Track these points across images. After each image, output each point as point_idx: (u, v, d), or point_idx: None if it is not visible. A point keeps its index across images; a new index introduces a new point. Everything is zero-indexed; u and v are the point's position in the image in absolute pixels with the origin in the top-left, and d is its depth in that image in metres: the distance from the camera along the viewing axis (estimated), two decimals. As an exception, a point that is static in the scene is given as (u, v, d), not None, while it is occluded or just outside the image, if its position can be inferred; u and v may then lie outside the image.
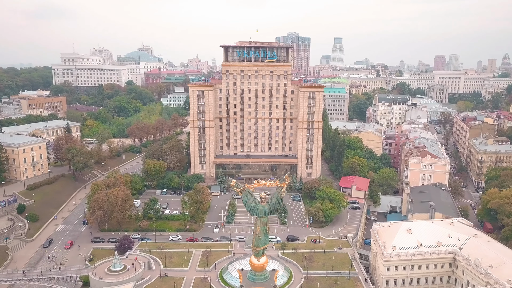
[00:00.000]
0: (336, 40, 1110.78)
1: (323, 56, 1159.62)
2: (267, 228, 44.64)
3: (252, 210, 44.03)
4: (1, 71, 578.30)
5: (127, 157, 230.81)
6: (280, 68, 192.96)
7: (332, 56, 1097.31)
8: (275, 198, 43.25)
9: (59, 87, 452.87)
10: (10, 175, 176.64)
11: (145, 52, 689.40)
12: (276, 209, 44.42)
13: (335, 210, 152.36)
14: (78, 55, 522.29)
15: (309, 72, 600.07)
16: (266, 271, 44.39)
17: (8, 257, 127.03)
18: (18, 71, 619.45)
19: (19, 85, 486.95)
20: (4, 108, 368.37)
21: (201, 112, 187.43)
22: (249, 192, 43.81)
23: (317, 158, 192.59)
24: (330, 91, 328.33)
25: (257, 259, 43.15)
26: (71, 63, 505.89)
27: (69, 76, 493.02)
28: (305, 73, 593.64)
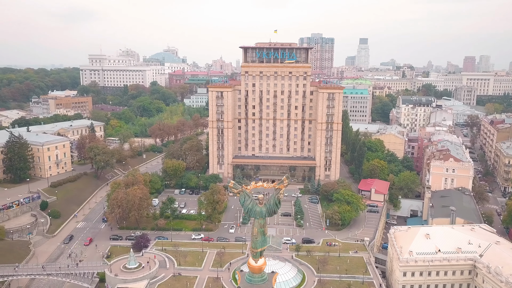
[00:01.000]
0: (362, 41, 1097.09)
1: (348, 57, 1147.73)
2: (265, 230, 44.22)
3: (249, 212, 43.80)
4: (32, 72, 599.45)
5: (148, 157, 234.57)
6: (300, 69, 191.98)
7: (357, 57, 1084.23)
8: (273, 200, 42.85)
9: (86, 88, 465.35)
10: (35, 173, 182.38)
11: (170, 53, 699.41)
12: (273, 211, 43.98)
13: (352, 213, 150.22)
14: (105, 56, 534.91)
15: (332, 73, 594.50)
16: (264, 273, 44.07)
17: (30, 251, 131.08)
18: (49, 72, 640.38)
19: (49, 86, 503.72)
20: (34, 108, 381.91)
21: (220, 113, 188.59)
22: (246, 193, 43.60)
23: (336, 160, 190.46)
24: (352, 92, 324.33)
25: (255, 261, 42.79)
26: (98, 64, 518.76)
27: (96, 77, 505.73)
28: (329, 74, 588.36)
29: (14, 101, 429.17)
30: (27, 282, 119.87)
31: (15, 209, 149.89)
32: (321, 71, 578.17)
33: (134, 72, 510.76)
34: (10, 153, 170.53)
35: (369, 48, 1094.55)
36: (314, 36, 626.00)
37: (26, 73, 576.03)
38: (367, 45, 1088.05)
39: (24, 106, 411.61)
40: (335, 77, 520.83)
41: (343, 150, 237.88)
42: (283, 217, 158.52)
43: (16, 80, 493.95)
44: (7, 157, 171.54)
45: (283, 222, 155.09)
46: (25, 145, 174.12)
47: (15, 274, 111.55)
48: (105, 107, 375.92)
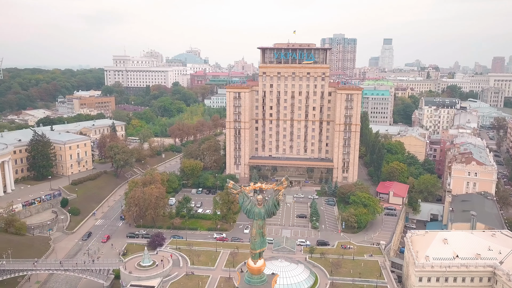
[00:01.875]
0: (386, 41, 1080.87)
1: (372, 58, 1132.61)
2: (264, 231, 43.88)
3: (248, 213, 43.58)
4: (59, 72, 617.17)
5: (167, 156, 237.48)
6: (318, 70, 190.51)
7: (381, 58, 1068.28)
8: (271, 201, 42.51)
9: (110, 88, 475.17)
10: (57, 171, 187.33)
11: (192, 54, 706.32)
12: (272, 213, 43.59)
13: (369, 216, 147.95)
14: (128, 57, 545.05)
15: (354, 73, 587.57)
16: (263, 275, 43.80)
17: (50, 247, 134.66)
18: (75, 72, 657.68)
19: (75, 86, 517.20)
20: (60, 107, 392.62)
21: (237, 114, 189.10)
22: (245, 194, 43.44)
23: (353, 162, 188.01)
24: (373, 93, 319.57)
25: (254, 262, 42.62)
26: (122, 65, 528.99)
27: (120, 77, 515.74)
28: (351, 74, 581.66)
29: (42, 100, 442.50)
30: (46, 276, 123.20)
31: (37, 205, 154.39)
32: (343, 72, 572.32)
33: (157, 73, 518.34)
34: (34, 151, 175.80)
35: (393, 48, 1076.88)
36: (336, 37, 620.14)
37: (53, 73, 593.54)
38: (391, 46, 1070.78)
39: (51, 105, 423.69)
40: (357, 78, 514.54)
41: (362, 152, 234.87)
42: (298, 219, 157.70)
43: (43, 80, 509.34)
44: (31, 155, 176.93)
45: (299, 223, 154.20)
46: (48, 143, 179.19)
47: (34, 269, 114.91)
48: (127, 107, 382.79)
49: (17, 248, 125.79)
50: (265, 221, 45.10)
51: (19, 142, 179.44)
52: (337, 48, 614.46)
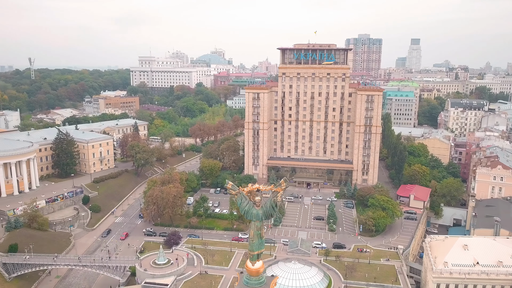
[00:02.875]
0: (413, 41, 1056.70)
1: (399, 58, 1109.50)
2: (262, 233, 43.60)
3: (246, 214, 43.39)
4: (87, 73, 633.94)
5: (188, 156, 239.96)
6: (338, 71, 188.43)
7: (408, 58, 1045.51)
8: (269, 202, 42.19)
9: (135, 88, 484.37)
10: (80, 169, 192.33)
11: (217, 55, 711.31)
12: (270, 214, 43.26)
13: (387, 219, 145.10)
14: (153, 58, 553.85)
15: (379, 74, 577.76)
16: (262, 276, 43.54)
17: (70, 243, 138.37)
18: (102, 73, 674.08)
19: (101, 86, 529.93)
20: (86, 107, 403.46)
21: (256, 114, 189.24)
22: (243, 195, 43.31)
23: (374, 164, 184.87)
24: (397, 94, 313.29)
25: (252, 264, 42.45)
26: (147, 65, 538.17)
27: (145, 78, 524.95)
28: (375, 75, 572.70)
29: (70, 100, 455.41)
30: (66, 271, 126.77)
31: (59, 202, 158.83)
32: (367, 73, 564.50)
33: (181, 74, 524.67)
34: (58, 149, 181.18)
35: (421, 49, 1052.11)
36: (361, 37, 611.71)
37: (82, 74, 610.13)
38: (419, 46, 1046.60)
39: (78, 105, 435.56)
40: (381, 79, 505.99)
41: (384, 154, 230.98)
42: (315, 221, 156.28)
43: (72, 80, 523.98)
44: (55, 153, 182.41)
45: (315, 225, 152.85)
46: (71, 142, 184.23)
47: (54, 263, 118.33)
48: (151, 107, 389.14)
49: (39, 243, 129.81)
50: (263, 222, 44.82)
51: (44, 141, 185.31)
52: (361, 49, 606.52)
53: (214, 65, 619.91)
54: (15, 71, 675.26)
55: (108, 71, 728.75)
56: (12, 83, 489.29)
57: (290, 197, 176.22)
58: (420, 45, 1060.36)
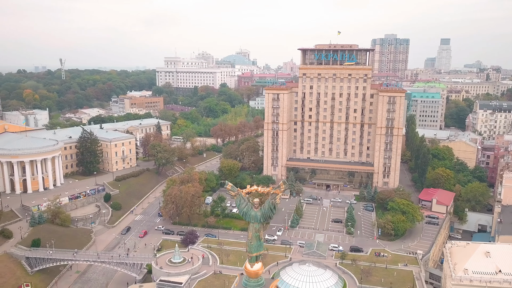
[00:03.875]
0: (443, 42, 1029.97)
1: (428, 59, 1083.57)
2: (260, 235, 43.28)
3: (244, 215, 43.23)
4: (115, 73, 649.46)
5: (208, 156, 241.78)
6: (360, 71, 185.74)
7: (438, 59, 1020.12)
8: (267, 204, 41.84)
9: (160, 88, 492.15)
10: (103, 167, 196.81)
11: (241, 56, 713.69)
12: (269, 216, 42.95)
13: (407, 223, 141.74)
14: (179, 59, 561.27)
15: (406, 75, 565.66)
16: (261, 278, 43.26)
17: (91, 239, 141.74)
18: (129, 73, 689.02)
19: (128, 86, 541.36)
20: (113, 106, 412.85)
21: (275, 115, 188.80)
22: (241, 196, 43.17)
23: (395, 167, 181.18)
24: (423, 96, 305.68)
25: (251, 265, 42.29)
26: (173, 66, 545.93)
27: (170, 78, 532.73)
28: (402, 76, 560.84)
29: (97, 100, 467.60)
30: (85, 267, 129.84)
31: (82, 199, 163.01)
32: (393, 73, 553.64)
33: (205, 74, 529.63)
34: (82, 148, 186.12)
35: (451, 49, 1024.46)
36: (387, 37, 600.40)
37: (109, 74, 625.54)
38: (449, 46, 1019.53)
39: (105, 105, 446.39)
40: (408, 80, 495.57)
41: (408, 157, 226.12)
42: (333, 223, 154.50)
43: (100, 81, 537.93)
44: (80, 152, 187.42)
45: (333, 228, 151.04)
46: (95, 141, 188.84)
47: (74, 259, 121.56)
48: (175, 107, 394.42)
49: (61, 238, 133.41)
50: (261, 224, 44.54)
51: (69, 139, 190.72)
52: (388, 49, 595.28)
53: (238, 65, 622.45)
54: (47, 71, 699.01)
55: (135, 71, 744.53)
56: (43, 83, 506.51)
57: (309, 199, 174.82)
58: (450, 45, 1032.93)
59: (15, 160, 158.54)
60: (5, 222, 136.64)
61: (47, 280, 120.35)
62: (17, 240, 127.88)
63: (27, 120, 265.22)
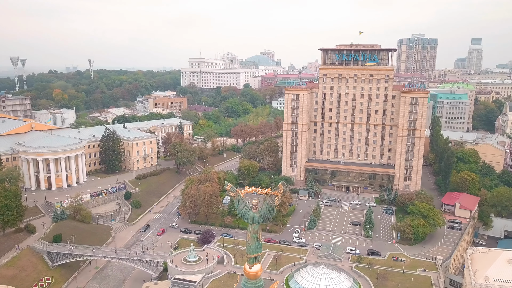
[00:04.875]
0: (474, 41, 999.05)
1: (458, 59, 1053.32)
2: (258, 236, 42.89)
3: (243, 216, 43.07)
4: (142, 73, 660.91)
5: (228, 156, 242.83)
6: (381, 72, 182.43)
7: (468, 59, 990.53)
8: (265, 206, 41.53)
9: (184, 89, 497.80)
10: (125, 165, 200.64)
11: (265, 56, 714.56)
12: (267, 218, 42.54)
13: (427, 228, 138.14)
14: (203, 60, 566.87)
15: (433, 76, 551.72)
16: (260, 280, 42.96)
17: (111, 236, 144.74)
18: (155, 73, 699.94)
19: (154, 86, 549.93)
20: (138, 106, 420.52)
21: (294, 116, 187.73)
22: (240, 197, 43.06)
23: (417, 169, 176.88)
24: (449, 97, 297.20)
25: (249, 267, 42.12)
26: (197, 66, 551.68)
27: (194, 79, 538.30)
28: (429, 77, 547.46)
29: (123, 100, 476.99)
30: (104, 263, 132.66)
31: (103, 197, 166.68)
32: (420, 74, 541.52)
33: (229, 75, 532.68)
34: (105, 146, 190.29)
35: (482, 49, 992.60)
36: (414, 37, 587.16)
37: (136, 74, 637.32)
38: (480, 46, 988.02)
39: (131, 104, 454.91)
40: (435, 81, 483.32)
41: (432, 159, 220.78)
42: (351, 226, 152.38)
43: (126, 81, 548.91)
44: (102, 150, 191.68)
45: (351, 231, 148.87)
46: (117, 139, 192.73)
47: (92, 255, 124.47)
48: (198, 107, 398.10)
49: (82, 235, 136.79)
50: (260, 226, 44.17)
51: (92, 138, 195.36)
52: (415, 49, 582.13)
53: (262, 66, 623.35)
54: (77, 72, 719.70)
55: (160, 72, 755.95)
56: (72, 83, 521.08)
57: (327, 201, 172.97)
58: (481, 45, 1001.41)
59: (40, 158, 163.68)
60: (29, 217, 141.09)
61: (67, 275, 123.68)
62: (39, 235, 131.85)
63: (54, 119, 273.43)
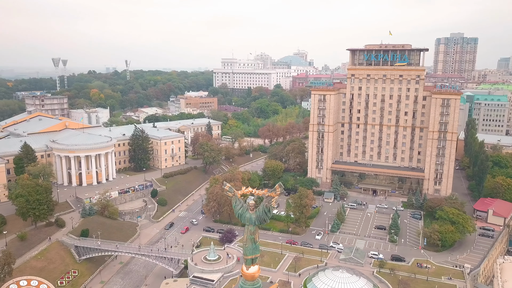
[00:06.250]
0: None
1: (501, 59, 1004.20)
2: (255, 237, 42.37)
3: (240, 217, 42.75)
4: (175, 74, 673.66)
5: (255, 156, 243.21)
6: (412, 72, 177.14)
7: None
8: (261, 207, 41.17)
9: (216, 89, 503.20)
10: (153, 164, 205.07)
11: (298, 57, 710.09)
12: (263, 219, 42.08)
13: (456, 234, 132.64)
14: (235, 60, 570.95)
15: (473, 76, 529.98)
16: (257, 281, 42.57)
17: (136, 233, 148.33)
18: (189, 74, 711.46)
19: (187, 86, 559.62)
20: (171, 106, 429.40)
21: (321, 117, 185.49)
22: (237, 198, 42.87)
23: (448, 173, 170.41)
24: (487, 98, 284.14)
25: (246, 268, 41.90)
26: (229, 67, 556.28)
27: (226, 79, 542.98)
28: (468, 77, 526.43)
29: (157, 99, 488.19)
30: (129, 258, 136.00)
31: (130, 194, 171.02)
32: (458, 75, 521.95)
33: (260, 75, 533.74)
34: (134, 145, 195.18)
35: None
36: (453, 36, 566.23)
37: (170, 75, 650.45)
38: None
39: (164, 104, 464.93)
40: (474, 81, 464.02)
41: (466, 163, 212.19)
42: (376, 230, 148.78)
43: (160, 81, 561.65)
44: (132, 148, 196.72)
45: (376, 235, 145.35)
46: (146, 138, 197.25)
47: (116, 250, 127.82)
48: (228, 108, 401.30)
49: (108, 230, 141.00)
50: (257, 227, 43.78)
51: (122, 136, 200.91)
52: (453, 49, 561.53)
53: (294, 66, 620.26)
54: (114, 72, 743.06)
55: (194, 72, 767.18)
56: (109, 83, 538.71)
57: (353, 204, 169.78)
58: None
59: (71, 155, 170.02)
60: (59, 212, 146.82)
61: (92, 269, 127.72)
62: (68, 230, 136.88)
63: (89, 117, 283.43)
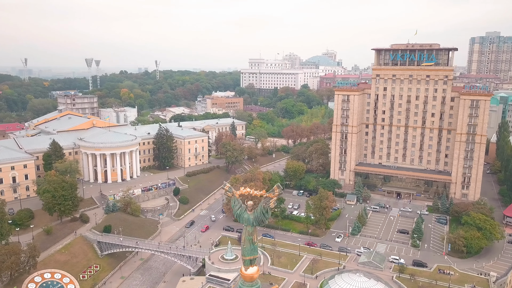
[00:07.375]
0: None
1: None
2: (253, 238, 42.01)
3: (238, 218, 42.48)
4: (204, 74, 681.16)
5: (277, 156, 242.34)
6: (439, 73, 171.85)
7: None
8: (259, 208, 40.75)
9: (243, 89, 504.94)
10: (177, 162, 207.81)
11: (326, 57, 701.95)
12: (261, 220, 41.60)
13: (482, 241, 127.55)
14: (263, 60, 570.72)
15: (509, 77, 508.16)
16: (257, 282, 42.17)
17: (157, 230, 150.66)
18: (216, 74, 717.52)
19: (214, 86, 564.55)
20: (198, 106, 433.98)
21: (345, 117, 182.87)
22: (235, 198, 42.67)
23: (476, 177, 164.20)
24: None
25: (245, 269, 41.66)
26: (256, 67, 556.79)
27: (253, 79, 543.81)
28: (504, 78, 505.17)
29: (185, 99, 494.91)
30: (149, 255, 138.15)
31: (153, 192, 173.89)
32: (494, 75, 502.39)
33: (287, 75, 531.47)
34: (158, 143, 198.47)
35: None
36: (489, 35, 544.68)
37: (198, 75, 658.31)
38: None
39: (191, 104, 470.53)
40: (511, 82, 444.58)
41: (497, 167, 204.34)
42: (399, 234, 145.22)
43: (189, 81, 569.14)
44: (156, 147, 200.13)
45: (398, 239, 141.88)
46: (170, 137, 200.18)
47: (136, 246, 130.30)
48: (253, 108, 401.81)
49: (130, 227, 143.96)
50: (255, 228, 43.34)
51: (147, 135, 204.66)
52: (489, 48, 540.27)
53: (322, 66, 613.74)
54: (145, 72, 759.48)
55: (221, 72, 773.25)
56: (139, 83, 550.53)
57: (375, 207, 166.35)
58: None
59: (97, 153, 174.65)
60: (84, 208, 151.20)
61: (113, 264, 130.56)
62: (92, 225, 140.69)
63: (117, 116, 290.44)
